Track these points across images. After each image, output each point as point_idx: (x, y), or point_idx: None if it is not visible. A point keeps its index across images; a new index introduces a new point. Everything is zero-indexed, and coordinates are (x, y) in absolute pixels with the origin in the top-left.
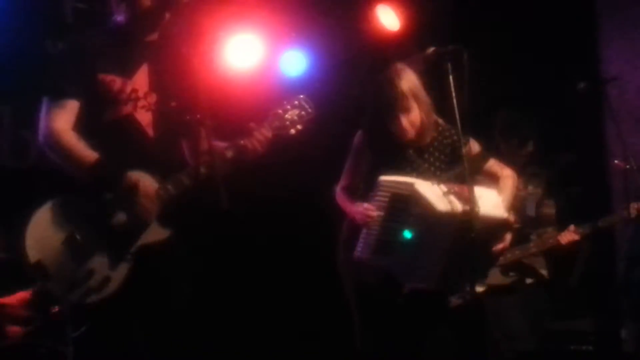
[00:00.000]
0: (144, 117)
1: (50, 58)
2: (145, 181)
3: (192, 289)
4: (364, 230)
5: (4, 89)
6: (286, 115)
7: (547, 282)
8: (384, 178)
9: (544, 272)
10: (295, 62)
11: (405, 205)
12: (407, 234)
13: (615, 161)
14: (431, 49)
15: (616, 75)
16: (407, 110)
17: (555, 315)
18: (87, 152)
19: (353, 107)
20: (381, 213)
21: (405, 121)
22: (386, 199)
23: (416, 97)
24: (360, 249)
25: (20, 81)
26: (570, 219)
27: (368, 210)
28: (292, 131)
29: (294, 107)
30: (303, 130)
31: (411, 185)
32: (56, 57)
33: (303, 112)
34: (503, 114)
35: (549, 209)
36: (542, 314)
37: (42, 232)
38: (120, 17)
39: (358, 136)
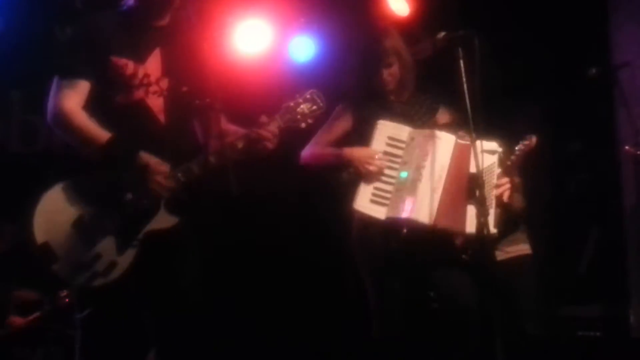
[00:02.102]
0: (156, 103)
1: (60, 41)
2: (157, 160)
3: (199, 276)
4: (363, 180)
5: (14, 74)
6: (298, 109)
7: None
8: (382, 121)
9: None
10: (303, 48)
11: (399, 148)
12: (403, 174)
13: (626, 147)
14: (441, 34)
15: (627, 61)
16: (388, 65)
17: (563, 301)
18: (99, 131)
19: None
20: (383, 158)
21: (386, 73)
22: (383, 143)
23: (398, 55)
24: (359, 199)
25: (30, 66)
26: (581, 205)
27: (374, 153)
28: (303, 125)
29: (305, 100)
30: (314, 124)
31: (406, 130)
32: (68, 37)
33: (314, 107)
34: None
35: None
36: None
37: (50, 215)
38: (131, 1)
39: (338, 107)
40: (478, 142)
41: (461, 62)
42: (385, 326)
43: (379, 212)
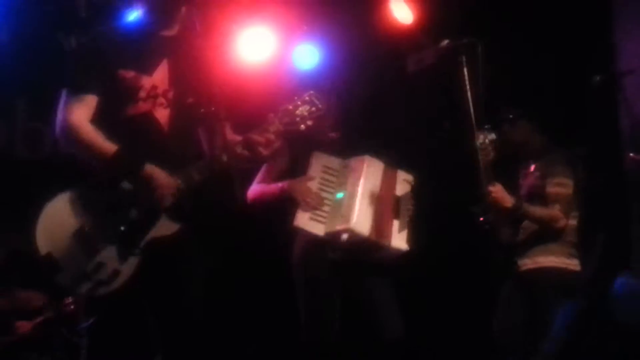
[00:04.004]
0: (162, 114)
1: (65, 51)
2: (161, 172)
3: (202, 281)
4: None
5: (19, 81)
6: (296, 111)
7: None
8: (316, 152)
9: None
10: (307, 56)
11: (332, 175)
12: (339, 195)
13: (630, 154)
14: (445, 42)
15: (632, 69)
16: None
17: None
18: (106, 144)
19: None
20: (318, 185)
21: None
22: (319, 170)
23: None
24: (298, 217)
25: (35, 73)
26: (586, 212)
27: (311, 187)
28: (302, 127)
29: (304, 102)
30: (313, 126)
31: (337, 160)
32: (76, 51)
33: (313, 108)
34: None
35: None
36: None
37: (53, 225)
38: (138, 12)
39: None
40: (399, 172)
41: (464, 69)
42: (318, 332)
43: (318, 229)
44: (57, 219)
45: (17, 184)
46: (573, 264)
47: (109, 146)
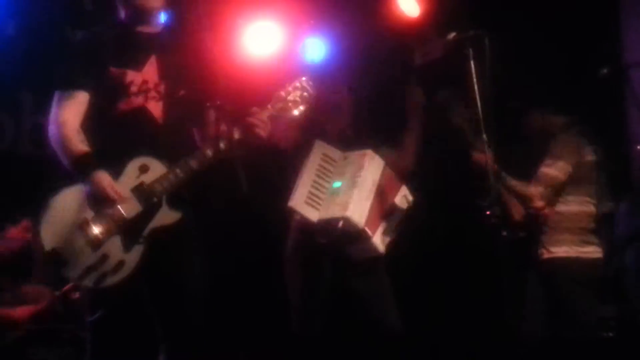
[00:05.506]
0: (155, 107)
1: (65, 48)
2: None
3: (205, 270)
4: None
5: (26, 76)
6: (288, 97)
7: None
8: (319, 141)
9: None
10: (314, 49)
11: (330, 164)
12: (337, 184)
13: (637, 147)
14: (452, 35)
15: (638, 60)
16: None
17: None
18: (79, 146)
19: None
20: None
21: None
22: (319, 157)
23: None
24: (294, 199)
25: (42, 68)
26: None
27: None
28: (295, 112)
29: (295, 88)
30: (306, 111)
31: (338, 152)
32: (68, 49)
33: (305, 93)
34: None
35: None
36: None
37: (58, 219)
38: (121, 13)
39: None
40: (404, 187)
41: (472, 62)
42: (306, 323)
43: (312, 214)
44: (62, 214)
45: (22, 179)
46: (587, 252)
47: (80, 148)
